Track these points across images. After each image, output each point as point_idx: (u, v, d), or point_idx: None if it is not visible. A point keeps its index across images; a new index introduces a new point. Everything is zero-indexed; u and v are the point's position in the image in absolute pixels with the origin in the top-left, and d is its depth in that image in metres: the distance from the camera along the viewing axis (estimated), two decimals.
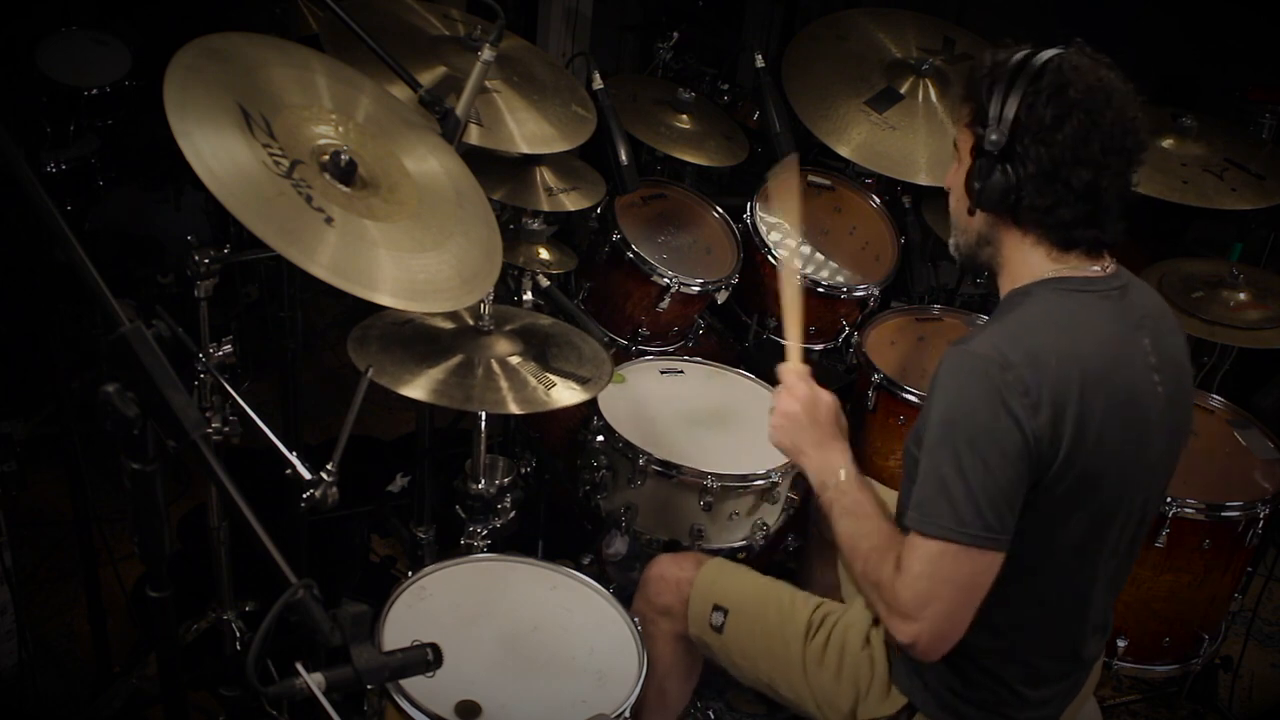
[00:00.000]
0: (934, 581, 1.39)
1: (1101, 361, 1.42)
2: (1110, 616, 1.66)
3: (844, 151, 2.77)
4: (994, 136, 1.42)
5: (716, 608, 1.80)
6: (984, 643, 1.50)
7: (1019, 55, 1.44)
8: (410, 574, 1.84)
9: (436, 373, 1.85)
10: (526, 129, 2.22)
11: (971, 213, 1.51)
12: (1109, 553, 1.53)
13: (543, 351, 1.98)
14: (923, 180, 2.76)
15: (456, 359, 1.89)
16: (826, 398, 1.62)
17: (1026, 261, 1.50)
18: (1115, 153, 1.40)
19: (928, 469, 1.40)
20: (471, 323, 2.00)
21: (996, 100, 1.43)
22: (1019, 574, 1.44)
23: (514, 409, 1.83)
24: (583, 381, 1.93)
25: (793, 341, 1.72)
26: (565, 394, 1.89)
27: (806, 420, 1.60)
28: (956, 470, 1.37)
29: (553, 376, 1.92)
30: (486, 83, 2.11)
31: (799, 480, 2.27)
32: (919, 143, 2.79)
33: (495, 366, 1.90)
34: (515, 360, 1.93)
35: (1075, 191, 1.41)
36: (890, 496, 1.66)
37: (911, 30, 3.07)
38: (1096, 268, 1.48)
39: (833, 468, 1.56)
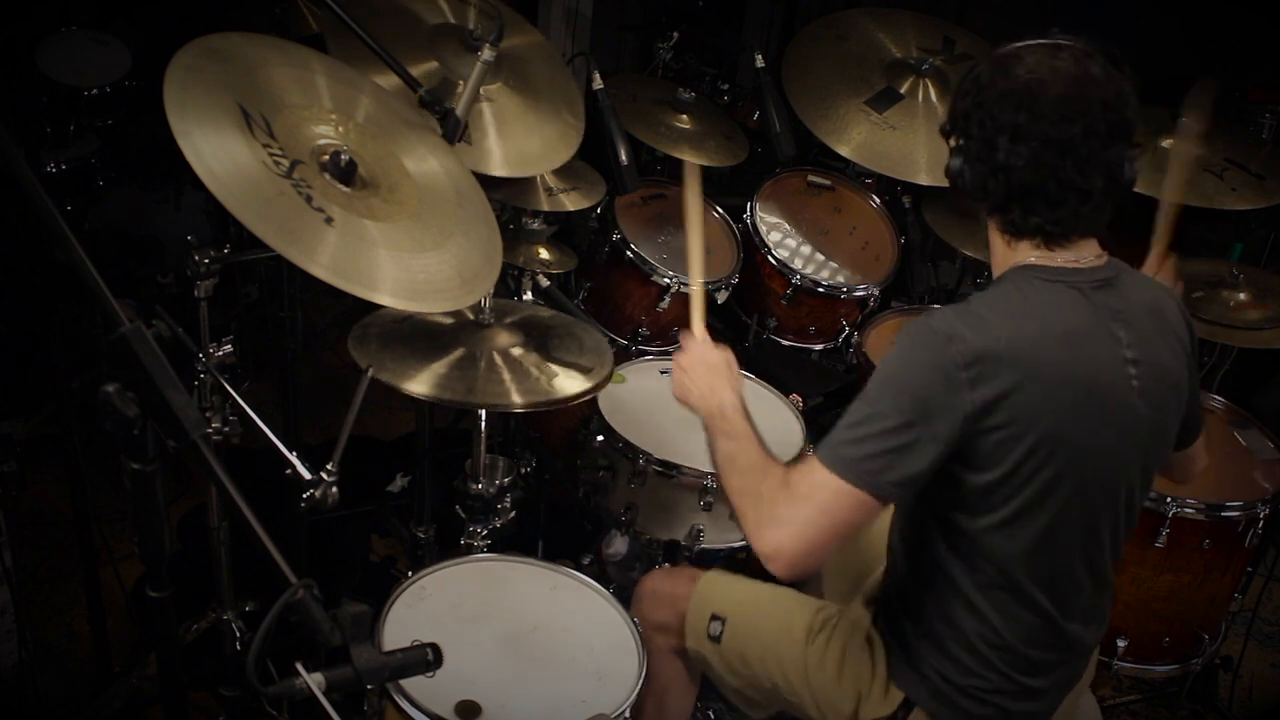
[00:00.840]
0: (814, 506, 1.43)
1: (1058, 351, 1.42)
2: (1106, 606, 1.65)
3: (844, 151, 2.78)
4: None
5: (714, 617, 1.80)
6: (971, 625, 1.51)
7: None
8: (410, 574, 1.83)
9: (439, 367, 1.85)
10: (513, 145, 2.20)
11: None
12: (1086, 543, 1.52)
13: (544, 342, 1.99)
14: (923, 180, 2.76)
15: (458, 353, 1.89)
16: (718, 353, 1.70)
17: (997, 247, 1.53)
18: (1032, 139, 1.39)
19: (852, 409, 1.44)
20: (471, 317, 2.00)
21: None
22: (987, 557, 1.46)
23: (518, 400, 1.83)
24: (585, 370, 1.93)
25: (696, 309, 1.78)
26: (568, 383, 1.89)
27: (700, 367, 1.67)
28: (878, 419, 1.40)
29: (555, 366, 1.92)
30: (482, 90, 2.10)
31: None
32: (919, 143, 2.79)
33: (497, 359, 1.90)
34: (517, 351, 1.93)
35: (994, 173, 1.43)
36: None
37: (911, 30, 3.08)
38: (1074, 259, 1.47)
39: (720, 401, 1.62)
